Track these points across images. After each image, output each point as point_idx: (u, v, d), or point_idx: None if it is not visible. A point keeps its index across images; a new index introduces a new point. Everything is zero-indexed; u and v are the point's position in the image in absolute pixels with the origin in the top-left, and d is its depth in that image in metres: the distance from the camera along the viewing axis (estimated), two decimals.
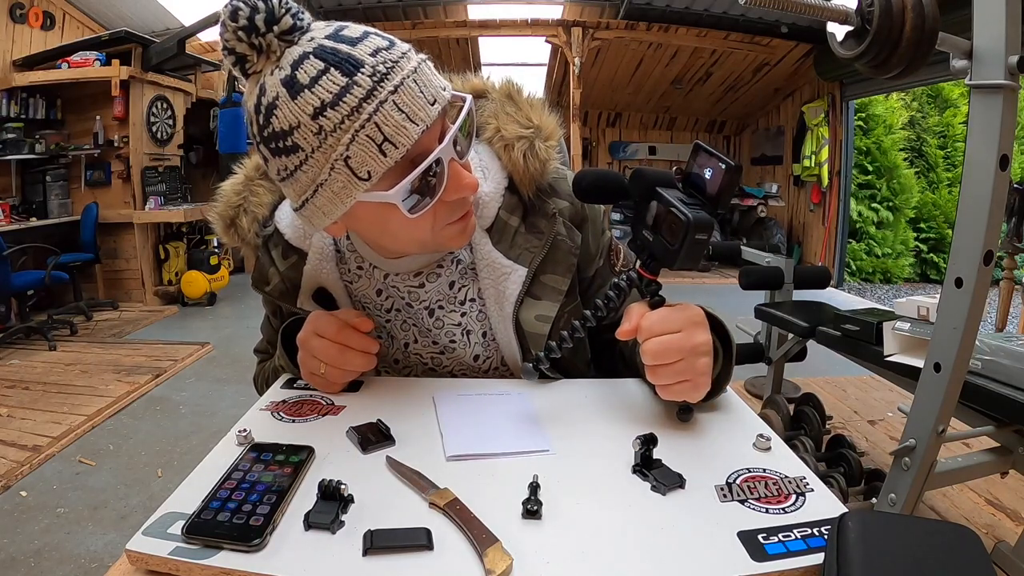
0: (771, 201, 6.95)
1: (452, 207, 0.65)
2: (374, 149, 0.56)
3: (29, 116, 4.95)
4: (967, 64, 0.99)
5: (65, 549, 1.95)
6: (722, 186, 0.58)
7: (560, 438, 0.62)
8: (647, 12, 5.83)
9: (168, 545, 0.46)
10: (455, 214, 0.66)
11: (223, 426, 0.63)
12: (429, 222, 0.64)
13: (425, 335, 0.79)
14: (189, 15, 5.36)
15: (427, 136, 0.59)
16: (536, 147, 0.74)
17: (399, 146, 0.56)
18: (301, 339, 0.70)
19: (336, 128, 0.55)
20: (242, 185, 0.80)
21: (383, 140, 0.56)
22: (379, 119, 0.56)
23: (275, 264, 0.78)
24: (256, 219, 0.79)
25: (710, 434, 0.64)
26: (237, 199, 0.79)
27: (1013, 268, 2.23)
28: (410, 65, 0.58)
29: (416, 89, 0.57)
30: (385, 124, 0.56)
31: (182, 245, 5.47)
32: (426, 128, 0.57)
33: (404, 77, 0.57)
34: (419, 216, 0.61)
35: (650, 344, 0.59)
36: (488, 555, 0.44)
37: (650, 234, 0.62)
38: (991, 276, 1.08)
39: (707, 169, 0.59)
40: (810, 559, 0.46)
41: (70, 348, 4.05)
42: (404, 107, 0.56)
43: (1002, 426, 1.52)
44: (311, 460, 0.57)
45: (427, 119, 0.57)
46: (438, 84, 0.60)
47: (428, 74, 0.60)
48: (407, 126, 0.56)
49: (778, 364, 2.63)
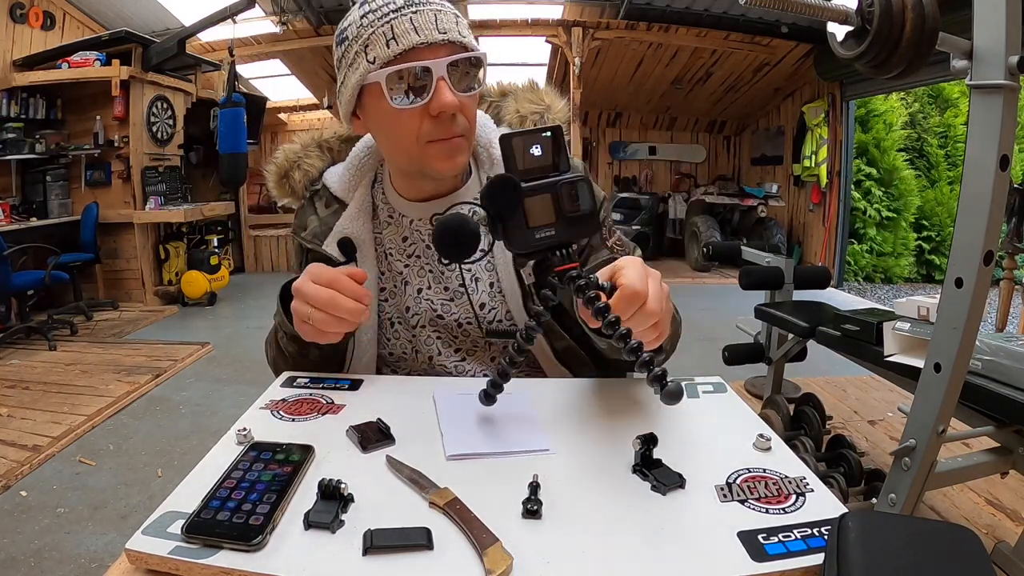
0: (771, 201, 6.94)
1: (436, 123, 0.75)
2: (383, 41, 0.73)
3: (29, 116, 4.95)
4: (967, 64, 0.99)
5: (65, 549, 1.95)
6: (555, 149, 0.61)
7: (560, 438, 0.62)
8: (647, 12, 5.83)
9: (168, 544, 0.46)
10: (439, 131, 0.76)
11: (223, 426, 0.63)
12: (414, 127, 0.75)
13: (438, 280, 0.88)
14: (189, 15, 5.35)
15: (429, 53, 0.73)
16: (545, 118, 0.90)
17: (400, 44, 0.72)
18: (296, 286, 0.72)
19: (368, 25, 0.74)
20: (300, 149, 0.96)
21: (391, 38, 0.73)
22: (394, 22, 0.73)
23: (316, 212, 0.90)
24: (307, 175, 0.94)
25: (710, 434, 0.64)
26: (294, 157, 0.95)
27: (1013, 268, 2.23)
28: (440, 7, 0.75)
29: (431, 17, 0.73)
30: (396, 27, 0.73)
31: (182, 245, 5.47)
32: (425, 44, 0.72)
33: (429, 8, 0.73)
34: (404, 114, 0.74)
35: (652, 304, 0.59)
36: (488, 555, 0.44)
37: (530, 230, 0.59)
38: (991, 276, 1.08)
39: (535, 146, 0.60)
40: (810, 559, 0.46)
41: (70, 348, 4.04)
42: (415, 22, 0.73)
43: (1002, 426, 1.52)
44: (311, 459, 0.57)
45: (428, 37, 0.72)
46: (455, 27, 0.75)
47: (450, 18, 0.75)
48: (410, 34, 0.73)
49: (778, 364, 2.63)
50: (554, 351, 0.86)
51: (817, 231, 6.67)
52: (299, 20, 5.86)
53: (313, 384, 0.76)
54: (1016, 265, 2.24)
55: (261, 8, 5.62)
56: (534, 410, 0.69)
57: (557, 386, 0.77)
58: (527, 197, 0.58)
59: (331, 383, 0.76)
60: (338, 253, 0.86)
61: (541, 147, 0.60)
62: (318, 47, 6.24)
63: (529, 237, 0.59)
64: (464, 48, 0.75)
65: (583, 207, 0.60)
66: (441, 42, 0.73)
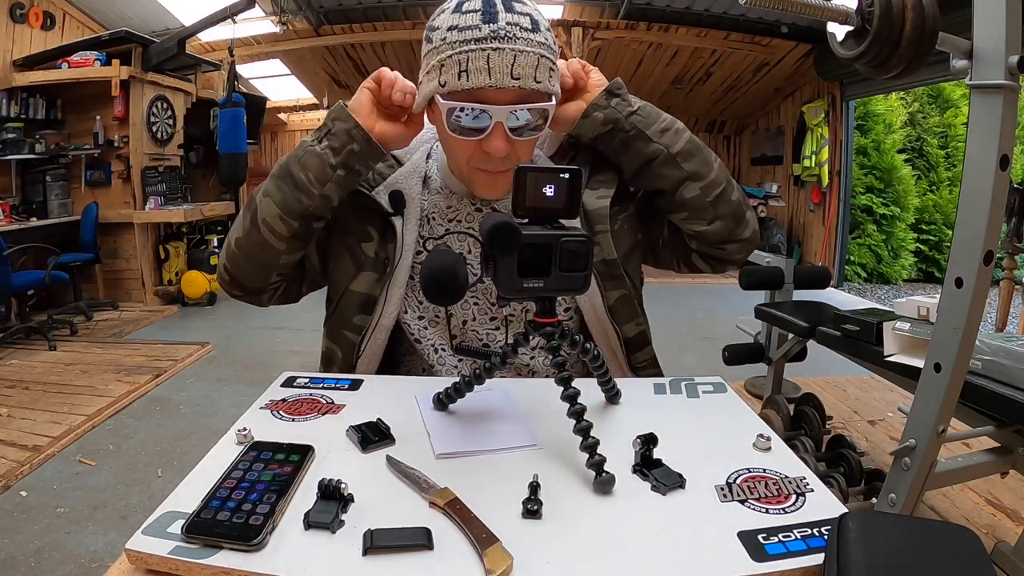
0: (771, 201, 6.94)
1: (485, 157, 0.77)
2: (455, 71, 0.72)
3: (29, 116, 4.94)
4: (967, 64, 0.99)
5: (65, 549, 1.95)
6: (570, 193, 0.59)
7: (560, 437, 0.62)
8: (647, 12, 5.82)
9: (168, 544, 0.46)
10: (488, 164, 0.78)
11: (223, 426, 0.63)
12: (466, 153, 0.78)
13: (477, 245, 0.88)
14: (189, 15, 5.34)
15: (498, 96, 0.73)
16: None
17: (470, 80, 0.72)
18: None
19: (450, 44, 0.73)
20: None
21: (464, 70, 0.72)
22: (471, 56, 0.71)
23: (375, 168, 0.89)
24: None
25: (710, 434, 0.64)
26: None
27: (1013, 268, 2.23)
28: (522, 46, 0.72)
29: (509, 59, 0.71)
30: (471, 62, 0.71)
31: (182, 245, 5.47)
32: (493, 87, 0.72)
33: (509, 48, 0.72)
34: (457, 140, 0.76)
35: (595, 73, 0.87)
36: (488, 555, 0.44)
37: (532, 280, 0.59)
38: (991, 276, 1.08)
39: (549, 186, 0.59)
40: (810, 559, 0.46)
41: (70, 348, 4.04)
42: (491, 63, 0.71)
43: (1002, 426, 1.52)
44: (311, 459, 0.57)
45: (499, 81, 0.71)
46: (532, 72, 0.73)
47: (530, 60, 0.73)
48: (482, 74, 0.71)
49: (778, 364, 2.63)
50: (606, 304, 0.86)
51: (817, 231, 6.67)
52: (299, 20, 5.86)
53: (313, 384, 0.76)
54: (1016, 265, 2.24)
55: (261, 8, 5.61)
56: (516, 407, 0.69)
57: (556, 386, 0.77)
58: (526, 245, 0.57)
59: (331, 383, 0.76)
60: (387, 203, 0.87)
61: (555, 188, 0.59)
62: (318, 47, 6.24)
63: (516, 284, 0.58)
64: (535, 96, 0.75)
65: (578, 267, 0.59)
66: (512, 87, 0.72)
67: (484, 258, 0.59)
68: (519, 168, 0.58)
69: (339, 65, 6.78)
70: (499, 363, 0.62)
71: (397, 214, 0.87)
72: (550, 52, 0.76)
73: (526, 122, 0.76)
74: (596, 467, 0.53)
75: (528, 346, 0.73)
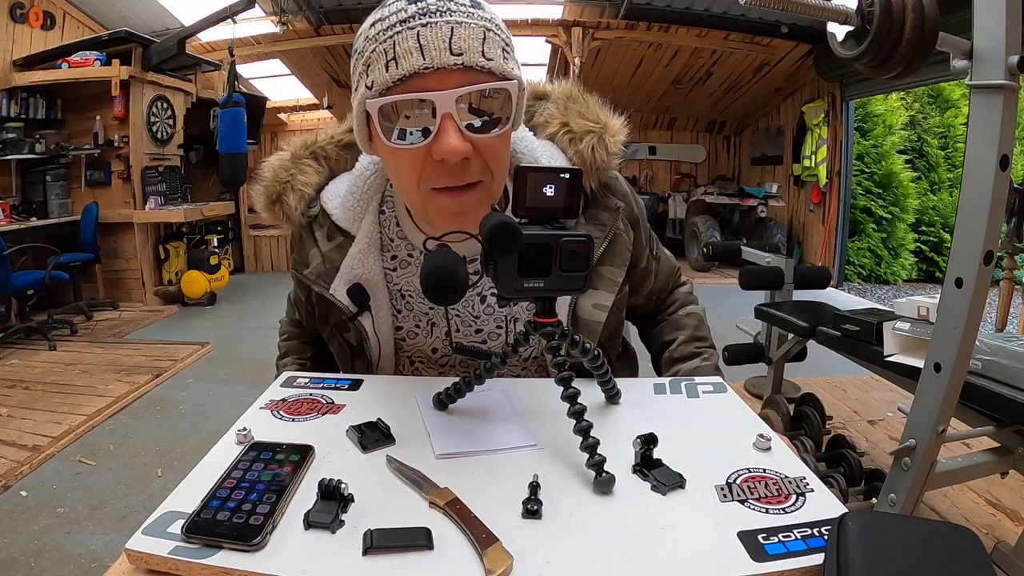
0: (771, 201, 6.94)
1: (440, 169, 0.62)
2: (382, 62, 0.59)
3: (29, 116, 4.94)
4: (967, 64, 0.99)
5: (65, 549, 1.95)
6: (570, 193, 0.58)
7: (560, 438, 0.62)
8: (647, 12, 5.82)
9: (168, 544, 0.46)
10: (444, 179, 0.63)
11: (223, 426, 0.63)
12: (415, 173, 0.63)
13: (470, 323, 0.79)
14: (189, 15, 5.34)
15: (439, 82, 0.58)
16: (605, 140, 0.76)
17: (400, 67, 0.58)
18: None
19: (372, 38, 0.60)
20: (290, 162, 0.80)
21: (392, 58, 0.58)
22: (398, 39, 0.58)
23: (318, 245, 0.78)
24: (303, 197, 0.79)
25: (710, 434, 0.64)
26: (285, 175, 0.79)
27: (1013, 268, 2.23)
28: (460, 18, 0.59)
29: (445, 32, 0.58)
30: (400, 45, 0.58)
31: (182, 245, 5.47)
32: (430, 69, 0.58)
33: (445, 21, 0.58)
34: (404, 154, 0.62)
35: None
36: (488, 555, 0.44)
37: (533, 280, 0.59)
38: (991, 276, 1.08)
39: (549, 186, 0.58)
40: (810, 559, 0.45)
41: (70, 348, 4.04)
42: (423, 40, 0.58)
43: (1002, 426, 1.52)
44: (311, 459, 0.57)
45: (435, 59, 0.58)
46: (478, 47, 0.59)
47: (473, 33, 0.59)
48: (413, 54, 0.58)
49: (778, 364, 2.63)
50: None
51: (817, 231, 6.67)
52: (299, 20, 5.85)
53: (313, 384, 0.76)
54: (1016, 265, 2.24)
55: (261, 8, 5.61)
56: (516, 407, 0.69)
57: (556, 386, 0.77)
58: (526, 245, 0.56)
59: (331, 383, 0.76)
60: (348, 302, 0.76)
61: (555, 188, 0.58)
62: (318, 47, 6.24)
63: (517, 284, 0.57)
64: (487, 75, 0.60)
65: (578, 266, 0.58)
66: (454, 66, 0.58)
67: (483, 261, 0.59)
68: (519, 168, 0.57)
69: (339, 65, 6.78)
70: (499, 363, 0.63)
71: (362, 311, 0.76)
72: (499, 30, 0.62)
73: (485, 114, 0.61)
74: (596, 467, 0.53)
75: (528, 345, 0.71)
